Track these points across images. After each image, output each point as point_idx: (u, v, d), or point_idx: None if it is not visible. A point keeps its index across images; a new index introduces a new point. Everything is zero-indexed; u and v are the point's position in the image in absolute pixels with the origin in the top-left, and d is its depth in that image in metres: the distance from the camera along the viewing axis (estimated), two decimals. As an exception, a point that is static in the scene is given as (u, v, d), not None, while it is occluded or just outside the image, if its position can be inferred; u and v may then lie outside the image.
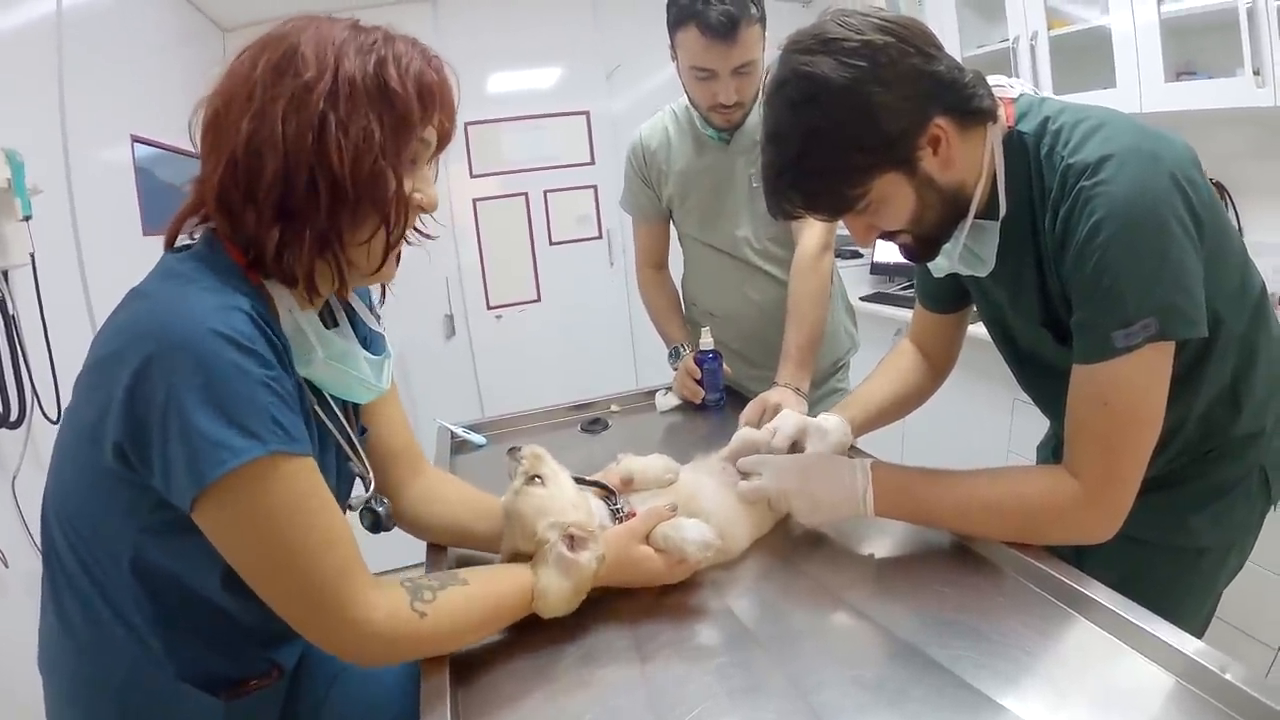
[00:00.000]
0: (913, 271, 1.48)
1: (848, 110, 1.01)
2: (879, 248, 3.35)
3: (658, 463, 1.29)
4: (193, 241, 0.95)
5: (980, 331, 1.41)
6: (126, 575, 0.90)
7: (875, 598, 1.08)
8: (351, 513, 1.14)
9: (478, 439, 1.94)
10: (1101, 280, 0.98)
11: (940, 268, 1.24)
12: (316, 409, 1.02)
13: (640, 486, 1.26)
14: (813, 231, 1.94)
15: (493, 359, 4.08)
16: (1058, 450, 1.12)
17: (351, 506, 1.13)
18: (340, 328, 1.08)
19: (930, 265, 1.25)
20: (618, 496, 1.22)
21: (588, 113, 4.04)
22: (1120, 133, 1.00)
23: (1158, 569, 1.23)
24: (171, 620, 0.93)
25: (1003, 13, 2.85)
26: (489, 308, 4.06)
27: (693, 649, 1.01)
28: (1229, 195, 2.55)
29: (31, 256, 1.89)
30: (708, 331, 1.99)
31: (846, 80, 0.99)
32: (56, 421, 1.87)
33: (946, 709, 0.84)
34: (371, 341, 1.13)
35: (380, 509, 1.15)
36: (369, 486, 1.14)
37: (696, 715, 0.87)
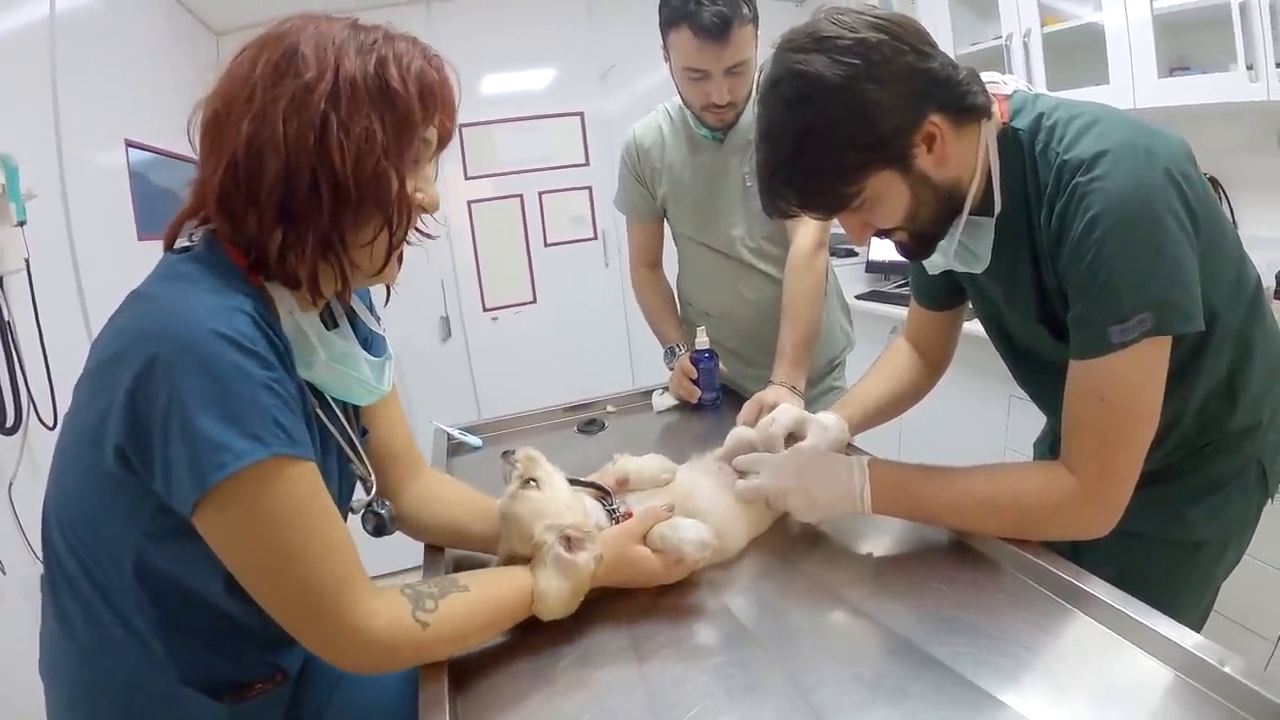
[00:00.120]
0: (908, 269, 1.48)
1: (842, 108, 1.01)
2: (874, 246, 3.35)
3: (654, 462, 1.29)
4: (192, 243, 0.94)
5: (976, 328, 1.41)
6: (129, 579, 0.90)
7: (873, 595, 1.08)
8: (353, 516, 1.14)
9: (474, 441, 1.94)
10: (1097, 276, 0.98)
11: (935, 265, 1.24)
12: (318, 411, 1.02)
13: (637, 486, 1.25)
14: (807, 230, 1.94)
15: (489, 360, 4.07)
16: (1054, 446, 1.12)
17: (353, 510, 1.13)
18: (340, 329, 1.07)
19: (925, 263, 1.25)
20: (613, 497, 1.22)
21: (582, 114, 4.03)
22: (1115, 128, 1.01)
23: (1155, 563, 1.23)
24: (174, 624, 0.93)
25: (996, 10, 2.86)
26: (485, 309, 4.06)
27: (690, 648, 1.01)
28: (1223, 190, 2.56)
29: (26, 262, 1.88)
30: (703, 331, 1.98)
31: (841, 78, 0.99)
32: (53, 428, 1.87)
33: (946, 706, 0.84)
34: (372, 343, 1.13)
35: (383, 512, 1.14)
36: (371, 489, 1.14)
37: (695, 715, 0.87)
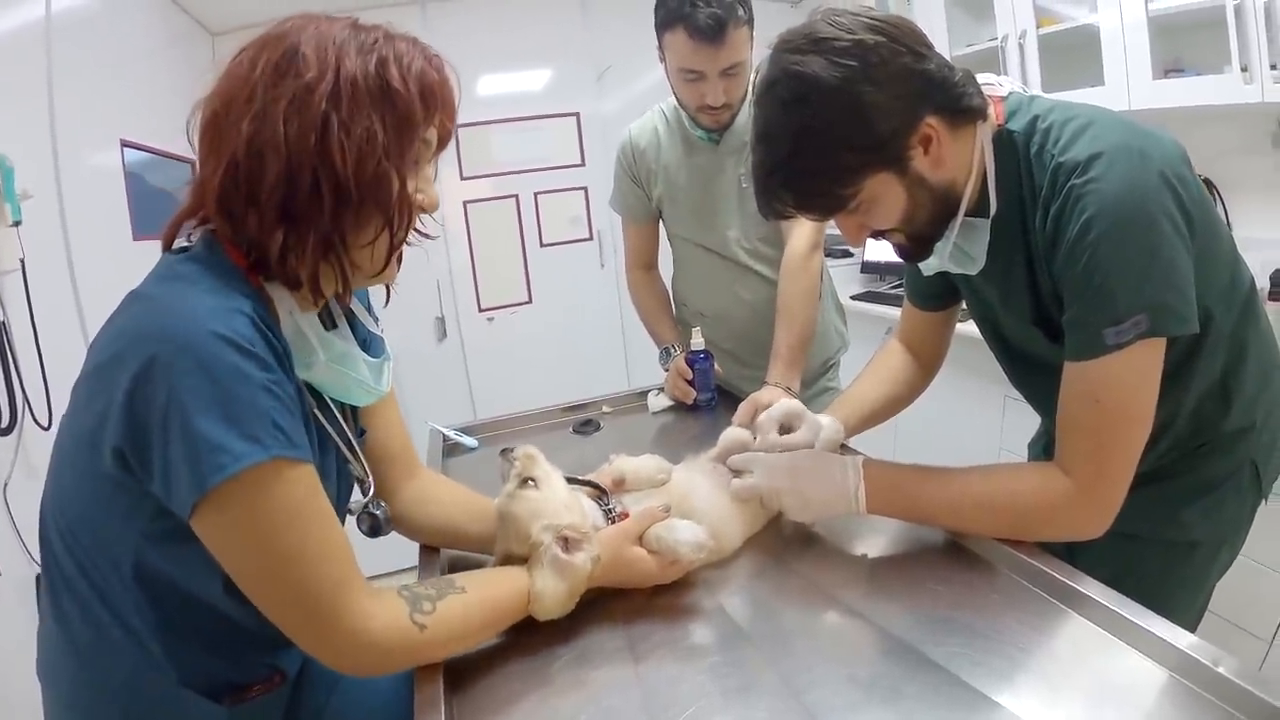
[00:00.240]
0: (903, 270, 1.48)
1: (839, 110, 1.01)
2: (869, 246, 3.34)
3: (650, 463, 1.29)
4: (190, 244, 0.94)
5: (971, 329, 1.42)
6: (127, 581, 0.89)
7: (868, 596, 1.08)
8: (350, 517, 1.13)
9: (470, 441, 1.93)
10: (1092, 278, 0.98)
11: (930, 266, 1.24)
12: (316, 412, 1.02)
13: (633, 487, 1.25)
14: (802, 231, 1.94)
15: (484, 361, 4.07)
16: (1049, 447, 1.12)
17: (351, 511, 1.13)
18: (339, 330, 1.07)
19: (920, 264, 1.25)
20: (610, 497, 1.22)
21: (578, 114, 4.03)
22: (1110, 131, 1.01)
23: (1150, 563, 1.23)
24: (173, 625, 0.92)
25: (991, 11, 2.87)
26: (480, 310, 4.06)
27: (686, 649, 1.01)
28: (1217, 191, 2.57)
29: (21, 262, 1.88)
30: (699, 332, 1.98)
31: (838, 80, 0.99)
32: (48, 428, 1.87)
33: (941, 706, 0.84)
34: (370, 344, 1.13)
35: (378, 513, 1.14)
36: (369, 491, 1.13)
37: (690, 715, 0.87)
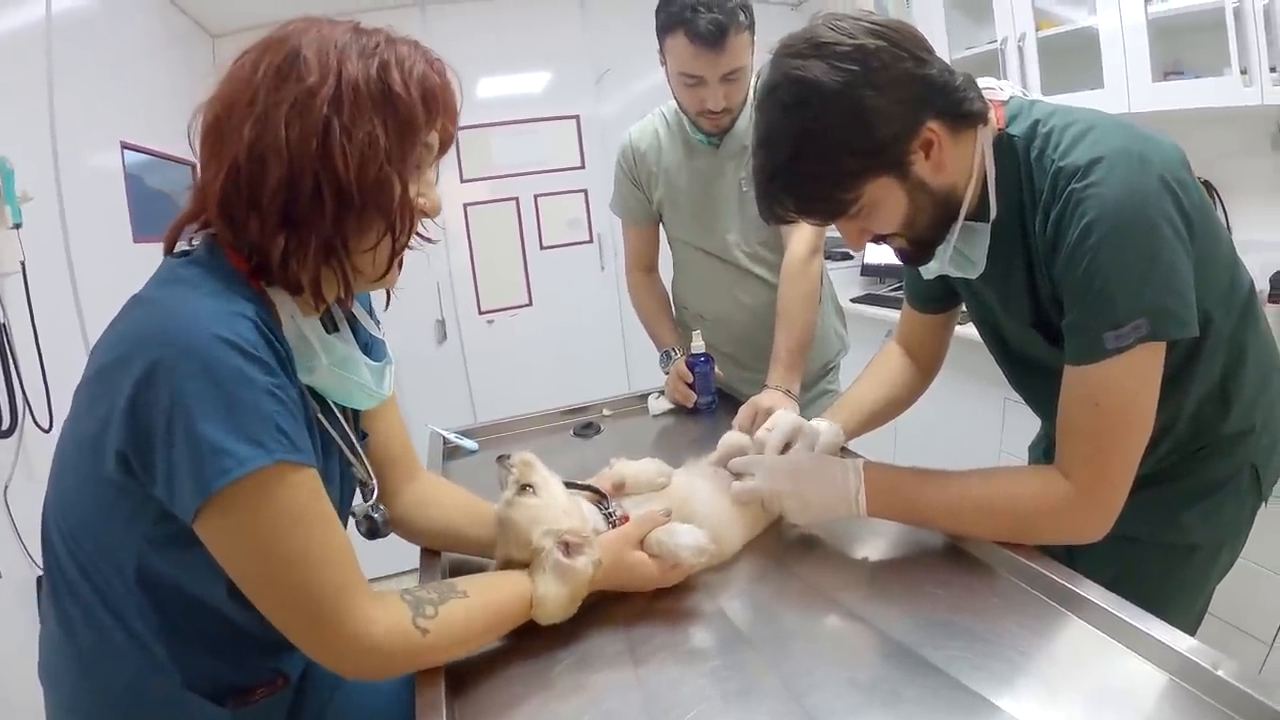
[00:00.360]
0: (903, 272, 1.48)
1: (840, 114, 1.01)
2: (870, 249, 3.35)
3: (650, 466, 1.29)
4: (191, 247, 0.94)
5: (971, 332, 1.42)
6: (130, 585, 0.89)
7: (868, 599, 1.08)
8: (350, 520, 1.13)
9: (470, 444, 1.93)
10: (1093, 282, 0.98)
11: (930, 270, 1.24)
12: (319, 416, 1.02)
13: (633, 490, 1.25)
14: (802, 235, 1.94)
15: (484, 364, 4.06)
16: (1049, 450, 1.12)
17: (354, 514, 1.13)
18: (341, 333, 1.07)
19: (920, 267, 1.25)
20: (610, 500, 1.22)
21: (578, 117, 4.03)
22: (1110, 135, 1.01)
23: (1150, 566, 1.23)
24: (176, 629, 0.92)
25: (991, 14, 2.86)
26: (480, 312, 4.05)
27: (686, 652, 1.01)
28: (1217, 194, 2.57)
29: (22, 264, 1.88)
30: (699, 335, 1.99)
31: (839, 84, 0.99)
32: (48, 430, 1.87)
33: (940, 710, 0.84)
34: (372, 347, 1.13)
35: (376, 515, 1.14)
36: (372, 494, 1.13)
37: (691, 718, 0.87)
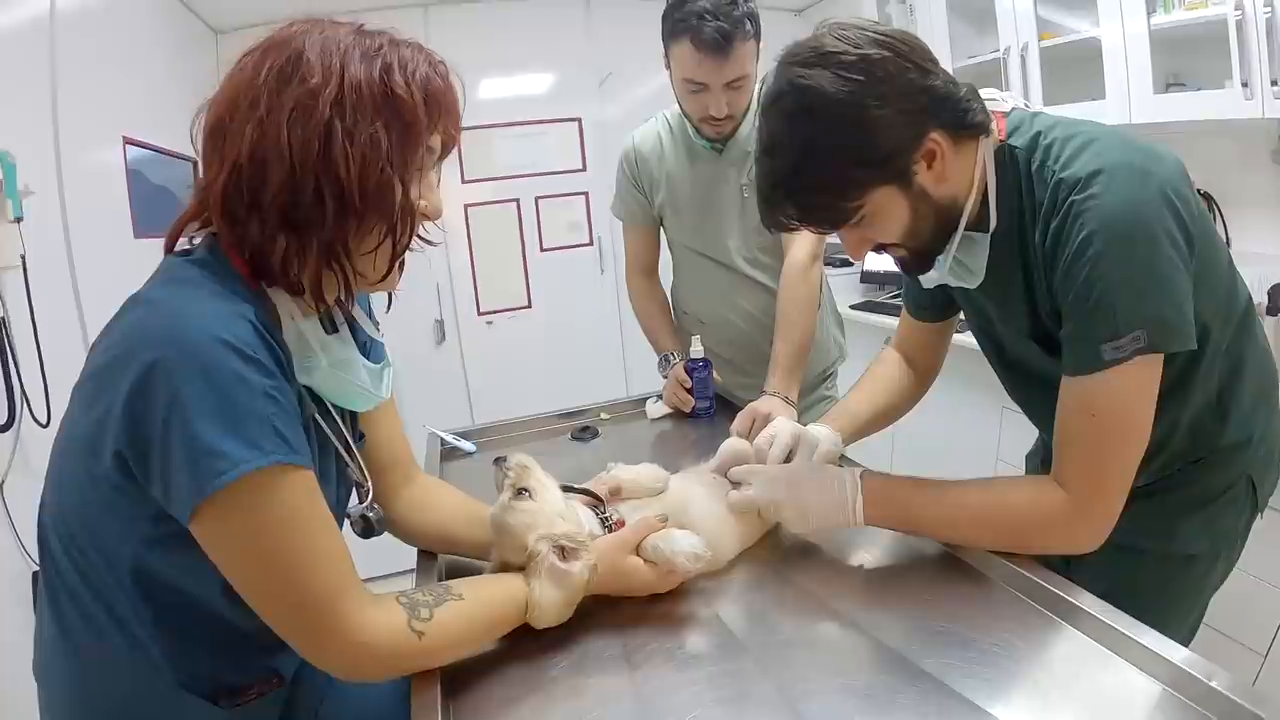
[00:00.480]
0: (902, 280, 1.49)
1: (845, 124, 1.01)
2: (869, 257, 3.34)
3: (648, 471, 1.29)
4: (192, 246, 0.93)
5: (970, 340, 1.42)
6: (126, 584, 0.89)
7: (864, 607, 1.08)
8: (345, 520, 1.13)
9: (468, 446, 1.94)
10: (1091, 294, 0.98)
11: (930, 279, 1.25)
12: (316, 417, 1.01)
13: (630, 495, 1.25)
14: (803, 241, 1.94)
15: (483, 365, 4.06)
16: (1046, 460, 1.12)
17: (349, 515, 1.13)
18: (340, 334, 1.07)
19: (920, 276, 1.25)
20: (606, 505, 1.22)
21: (579, 119, 4.03)
22: (1111, 148, 1.01)
23: (1146, 576, 1.23)
24: (172, 628, 0.92)
25: (993, 24, 2.88)
26: (480, 314, 4.05)
27: (682, 658, 1.01)
28: (1216, 206, 2.57)
29: (22, 258, 1.88)
30: (698, 339, 1.99)
31: (844, 94, 1.00)
32: (46, 425, 1.86)
33: (934, 717, 0.84)
34: (371, 349, 1.12)
35: (371, 515, 1.14)
36: (367, 496, 1.13)
37: (686, 724, 0.87)
